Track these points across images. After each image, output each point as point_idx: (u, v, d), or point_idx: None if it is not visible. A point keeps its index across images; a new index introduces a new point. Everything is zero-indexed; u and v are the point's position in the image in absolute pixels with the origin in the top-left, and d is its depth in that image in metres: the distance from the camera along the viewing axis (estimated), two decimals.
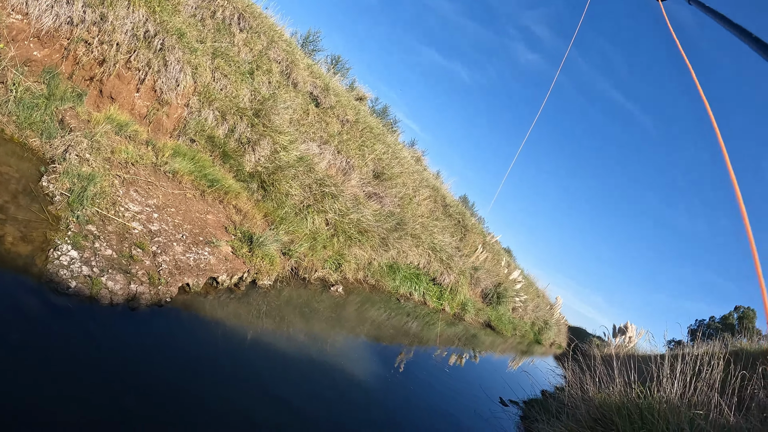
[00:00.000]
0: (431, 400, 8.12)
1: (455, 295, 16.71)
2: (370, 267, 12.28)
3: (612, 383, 5.61)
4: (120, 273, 4.65)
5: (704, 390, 4.80)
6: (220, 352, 5.20)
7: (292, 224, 8.97)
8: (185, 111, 8.02)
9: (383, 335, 10.37)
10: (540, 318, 28.29)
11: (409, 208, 14.50)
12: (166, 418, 3.74)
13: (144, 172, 6.36)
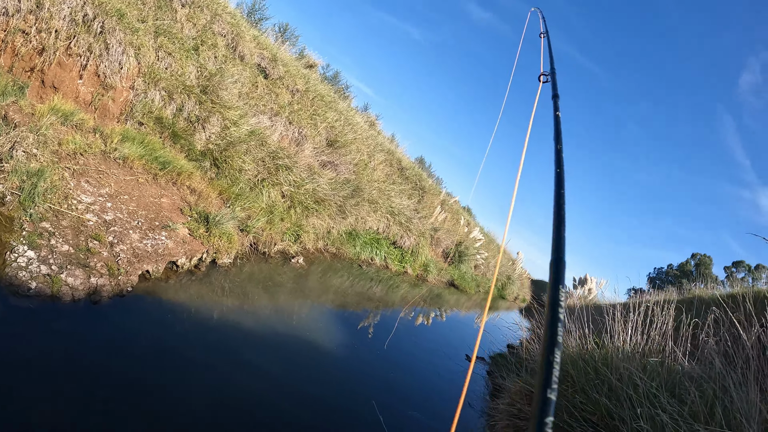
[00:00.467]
0: (402, 362, 8.31)
1: (417, 257, 16.97)
2: (330, 236, 12.39)
3: (569, 336, 5.79)
4: (79, 268, 4.64)
5: (657, 338, 5.03)
6: (186, 335, 5.24)
7: (247, 200, 8.98)
8: (131, 94, 7.86)
9: (349, 302, 10.53)
10: (502, 273, 28.91)
11: (365, 174, 14.58)
12: (138, 407, 3.79)
13: (94, 161, 6.26)
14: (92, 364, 3.90)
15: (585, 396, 4.15)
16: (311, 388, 5.67)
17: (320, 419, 5.03)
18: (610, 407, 3.80)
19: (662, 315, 5.09)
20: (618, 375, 4.10)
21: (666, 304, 5.40)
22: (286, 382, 5.50)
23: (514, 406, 4.83)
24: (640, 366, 4.39)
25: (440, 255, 20.35)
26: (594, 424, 3.88)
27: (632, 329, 5.12)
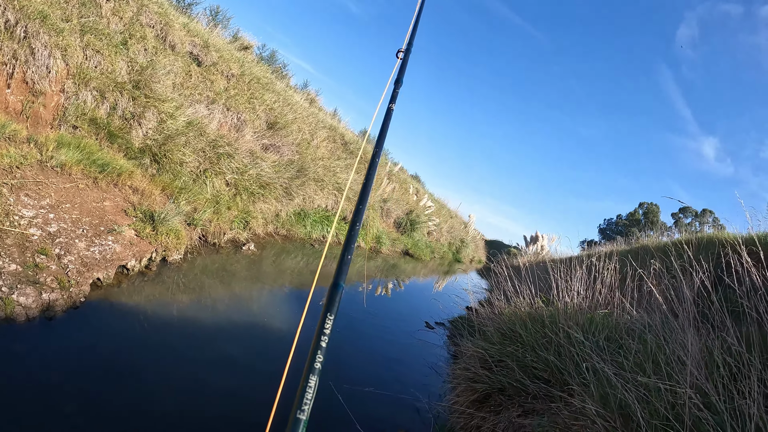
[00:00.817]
0: (359, 336, 8.48)
1: (368, 230, 17.21)
2: (279, 218, 12.50)
3: (517, 297, 6.06)
4: (29, 286, 4.68)
5: (603, 291, 5.26)
6: (145, 338, 5.31)
7: (191, 193, 9.00)
8: (62, 97, 7.72)
9: (304, 282, 10.65)
10: (456, 238, 29.41)
11: (308, 153, 14.65)
12: (104, 416, 3.92)
13: (31, 173, 6.22)
14: (53, 381, 3.96)
15: (535, 354, 4.33)
16: (273, 374, 5.87)
17: (278, 404, 5.21)
18: (559, 364, 4.01)
19: (607, 268, 5.29)
20: (564, 333, 4.26)
21: (612, 255, 5.61)
22: (247, 370, 5.63)
23: (470, 370, 5.05)
24: (587, 321, 4.59)
25: (392, 225, 20.64)
26: (546, 380, 4.08)
27: (578, 284, 5.31)
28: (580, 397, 3.26)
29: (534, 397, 4.11)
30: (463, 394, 4.95)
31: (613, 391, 2.81)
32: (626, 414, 2.65)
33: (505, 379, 4.38)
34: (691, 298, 3.22)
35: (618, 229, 56.17)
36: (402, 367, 7.88)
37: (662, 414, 2.40)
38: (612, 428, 2.62)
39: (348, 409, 4.77)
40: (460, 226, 31.86)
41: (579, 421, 3.06)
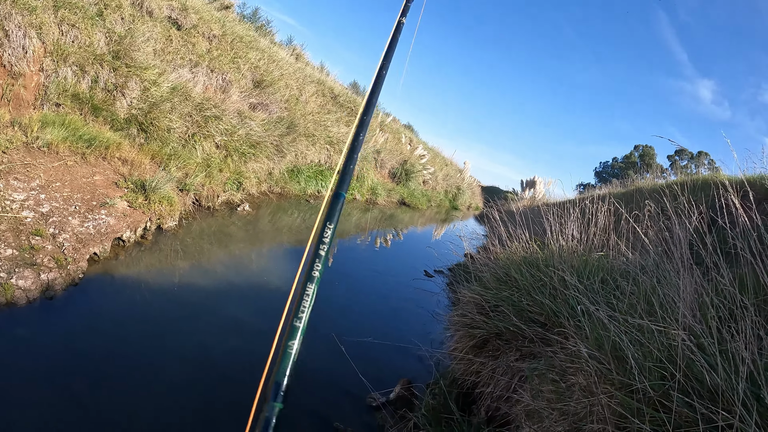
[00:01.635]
0: (360, 289, 8.64)
1: (363, 182, 17.19)
2: (272, 177, 12.47)
3: (512, 241, 6.05)
4: (27, 268, 4.68)
5: (598, 234, 5.27)
6: (147, 306, 5.37)
7: (181, 158, 8.93)
8: (41, 76, 7.55)
9: (302, 238, 10.68)
10: (452, 185, 29.40)
11: (297, 109, 14.49)
12: (112, 391, 3.95)
13: (18, 156, 6.14)
14: (59, 362, 4.00)
15: (531, 298, 4.30)
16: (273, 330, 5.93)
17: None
18: (554, 307, 4.00)
19: (601, 210, 5.24)
20: (559, 276, 4.25)
21: (607, 198, 5.56)
22: (250, 331, 5.70)
23: (467, 316, 5.06)
24: (582, 263, 4.59)
25: (387, 176, 20.60)
26: (542, 323, 4.07)
27: (573, 227, 5.28)
28: (575, 340, 3.30)
29: (531, 341, 4.14)
30: (462, 340, 4.98)
31: (607, 333, 2.84)
32: (620, 356, 2.69)
33: (501, 324, 4.40)
34: (685, 239, 3.21)
35: (614, 171, 55.96)
36: (402, 316, 7.98)
37: (655, 356, 2.43)
38: (606, 370, 2.66)
39: (350, 359, 4.81)
40: (455, 174, 31.75)
41: (574, 364, 3.11)
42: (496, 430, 3.83)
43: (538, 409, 3.17)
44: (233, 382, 4.63)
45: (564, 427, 2.82)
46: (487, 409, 4.29)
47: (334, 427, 4.45)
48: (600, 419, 2.53)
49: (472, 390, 4.64)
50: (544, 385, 3.34)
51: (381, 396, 5.04)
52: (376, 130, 20.10)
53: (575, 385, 2.96)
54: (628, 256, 4.57)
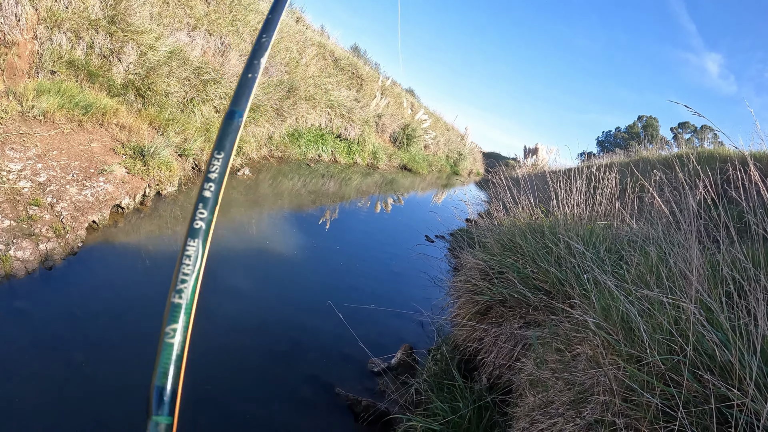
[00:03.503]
0: (359, 254, 8.59)
1: (364, 146, 17.08)
2: (272, 141, 12.38)
3: (516, 207, 6.00)
4: (25, 239, 4.63)
5: (603, 202, 5.21)
6: (147, 273, 5.38)
7: (180, 123, 8.82)
8: (35, 44, 7.37)
9: (303, 202, 10.69)
10: (453, 150, 29.26)
11: (298, 72, 14.28)
12: (112, 360, 3.95)
13: (13, 126, 6.01)
14: (59, 332, 3.98)
15: (535, 265, 4.26)
16: (276, 298, 5.97)
17: (283, 325, 5.34)
18: (559, 275, 3.96)
19: (606, 179, 5.16)
20: (564, 243, 4.19)
21: (612, 167, 5.49)
22: (250, 296, 5.73)
23: (471, 282, 5.03)
24: (587, 232, 4.54)
25: (388, 140, 20.47)
26: (547, 291, 4.04)
27: (578, 195, 5.20)
28: (581, 309, 3.26)
29: (535, 308, 4.11)
30: (465, 306, 4.95)
31: (615, 303, 2.80)
32: (628, 327, 2.65)
33: (506, 291, 4.36)
34: (695, 209, 3.14)
35: (616, 141, 55.77)
36: (403, 281, 7.99)
37: (665, 328, 2.39)
38: (614, 341, 2.62)
39: (350, 326, 4.82)
40: (456, 139, 31.59)
41: (580, 334, 3.08)
42: (499, 397, 3.83)
43: (542, 378, 3.15)
44: (230, 347, 4.66)
45: (569, 397, 2.79)
46: (489, 376, 4.29)
47: (336, 392, 4.47)
48: (606, 391, 2.50)
49: (474, 357, 4.63)
50: (549, 354, 3.31)
51: (382, 361, 5.05)
52: (377, 93, 19.86)
53: (581, 355, 2.93)
54: (633, 225, 4.51)
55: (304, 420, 4.11)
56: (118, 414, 3.49)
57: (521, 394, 3.45)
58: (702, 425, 1.99)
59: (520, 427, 3.08)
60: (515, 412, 3.33)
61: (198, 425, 3.65)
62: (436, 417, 3.78)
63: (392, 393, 4.43)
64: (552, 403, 2.91)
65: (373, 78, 21.12)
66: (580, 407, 2.64)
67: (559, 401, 2.86)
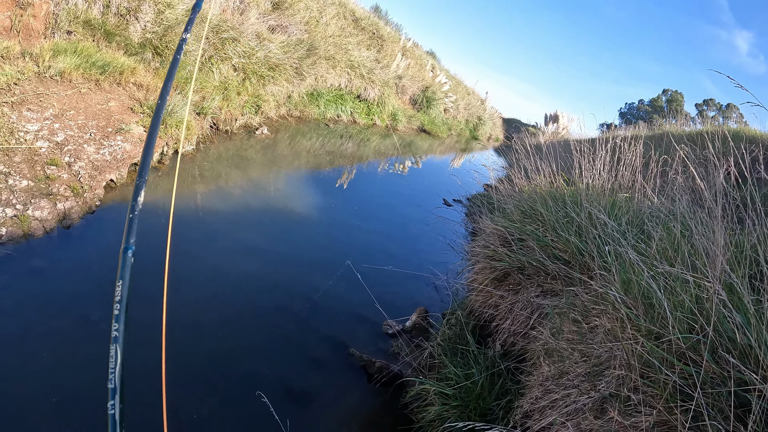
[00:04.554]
0: (376, 215, 8.66)
1: (383, 108, 16.90)
2: (291, 100, 12.28)
3: (538, 175, 5.91)
4: (43, 198, 4.65)
5: (626, 174, 5.09)
6: (165, 231, 5.27)
7: (198, 81, 8.77)
8: (51, 5, 7.25)
9: (321, 162, 10.66)
10: (473, 115, 28.92)
11: (318, 31, 14.04)
12: (136, 313, 3.98)
13: (30, 87, 5.97)
14: (77, 291, 4.02)
15: (556, 234, 4.22)
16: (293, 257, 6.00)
17: (298, 284, 5.36)
18: (580, 245, 3.90)
19: (631, 151, 5.06)
20: (586, 213, 4.15)
21: (635, 139, 5.36)
22: (268, 255, 5.78)
23: (489, 248, 4.98)
24: (609, 202, 4.47)
25: (407, 103, 20.25)
26: (566, 261, 3.99)
27: (601, 165, 5.10)
28: (601, 281, 3.20)
29: (553, 278, 4.06)
30: (482, 272, 4.91)
31: (637, 277, 2.73)
32: (649, 303, 2.59)
33: (524, 258, 4.31)
34: (722, 186, 3.03)
35: (639, 114, 54.64)
36: (420, 244, 7.99)
37: (687, 306, 2.32)
38: (634, 316, 2.57)
39: (366, 287, 4.83)
40: (477, 104, 31.11)
41: (599, 306, 3.03)
42: (512, 365, 3.81)
43: (557, 349, 3.12)
44: (245, 306, 4.70)
45: (584, 369, 2.76)
46: (503, 343, 4.27)
47: (349, 352, 4.51)
48: (623, 365, 2.46)
49: (489, 323, 4.62)
50: (566, 324, 3.27)
51: (397, 324, 5.07)
52: (397, 54, 19.55)
53: (598, 328, 2.89)
54: (654, 200, 4.41)
55: (317, 379, 4.15)
56: (134, 368, 3.52)
57: (535, 363, 3.42)
58: (718, 407, 1.95)
59: (533, 396, 3.07)
60: (529, 380, 3.31)
61: (211, 383, 3.69)
62: (449, 381, 3.79)
63: (406, 355, 4.46)
64: (567, 374, 2.89)
65: (394, 39, 20.76)
66: (596, 380, 2.61)
67: (574, 372, 2.83)
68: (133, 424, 0.92)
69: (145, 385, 2.63)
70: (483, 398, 3.60)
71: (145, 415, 2.62)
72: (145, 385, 2.61)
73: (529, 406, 3.05)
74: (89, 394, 3.13)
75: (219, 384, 3.70)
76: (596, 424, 2.42)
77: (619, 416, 2.29)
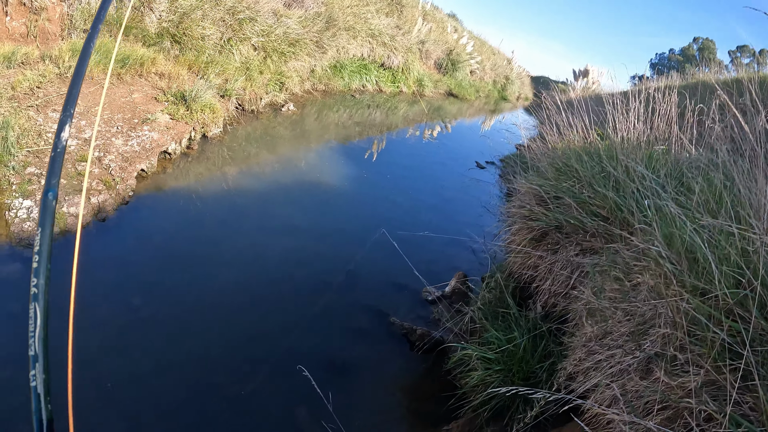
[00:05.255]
0: (409, 182, 8.67)
1: (409, 74, 16.69)
2: (314, 74, 12.21)
3: (571, 130, 5.77)
4: (77, 194, 4.72)
5: (661, 126, 4.91)
6: (199, 215, 5.49)
7: (219, 64, 8.74)
8: (64, 6, 7.28)
9: (350, 134, 10.65)
10: (500, 75, 28.40)
11: (335, 2, 13.87)
12: (169, 302, 4.05)
13: (53, 88, 6.05)
14: (116, 280, 4.10)
15: (592, 190, 4.13)
16: (331, 230, 6.05)
17: (335, 256, 5.42)
18: (618, 200, 3.80)
19: (665, 101, 4.86)
20: (623, 167, 4.04)
21: (669, 89, 5.18)
22: (304, 230, 5.82)
23: (525, 208, 4.89)
24: (645, 155, 4.34)
25: (433, 67, 19.95)
26: (604, 217, 3.90)
27: (635, 117, 4.94)
28: (642, 237, 3.09)
29: (592, 235, 3.96)
30: (520, 232, 4.82)
31: (680, 231, 2.62)
32: (693, 257, 2.48)
33: (562, 217, 4.20)
34: (763, 132, 2.88)
35: (671, 64, 52.90)
36: (455, 208, 7.95)
37: (732, 260, 2.21)
38: (678, 271, 2.46)
39: (404, 254, 4.77)
40: (503, 63, 30.41)
41: (641, 262, 2.92)
42: (554, 326, 3.75)
43: (600, 308, 3.03)
44: (284, 281, 4.75)
45: (628, 329, 2.69)
46: (544, 304, 4.21)
47: (390, 321, 4.53)
48: (668, 323, 2.38)
49: (528, 284, 4.55)
50: (607, 282, 3.18)
51: (436, 290, 5.05)
52: (418, 19, 19.20)
53: (641, 285, 2.79)
54: (692, 151, 4.23)
55: (359, 350, 4.19)
56: (179, 354, 3.59)
57: (578, 324, 3.36)
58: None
59: (576, 357, 3.01)
60: (571, 341, 3.25)
61: (254, 360, 3.74)
62: (491, 346, 3.76)
63: (446, 321, 4.45)
64: (610, 333, 2.82)
65: (413, 4, 20.38)
66: (640, 339, 2.54)
67: (617, 332, 2.76)
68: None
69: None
70: (526, 361, 3.58)
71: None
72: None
73: (572, 368, 3.00)
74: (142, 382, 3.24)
75: (262, 360, 3.74)
76: (642, 385, 2.36)
77: (666, 376, 2.21)
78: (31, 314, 0.87)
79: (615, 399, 2.49)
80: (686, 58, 51.84)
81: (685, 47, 55.83)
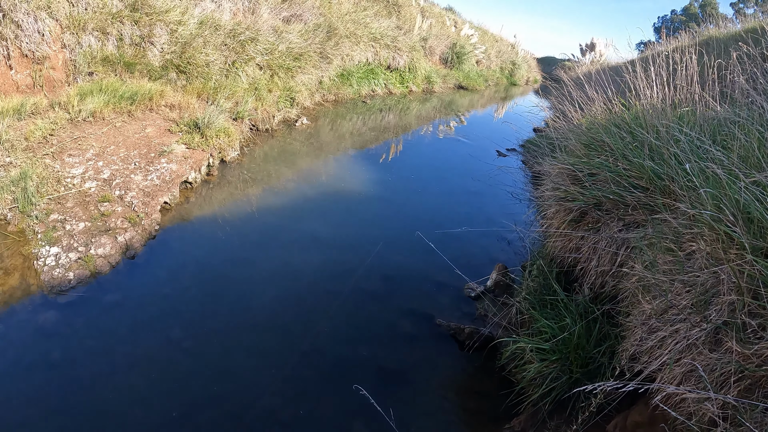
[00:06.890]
0: (434, 179, 8.67)
1: (416, 72, 16.68)
2: (323, 85, 12.23)
3: (592, 104, 5.61)
4: (103, 235, 4.71)
5: (684, 86, 4.80)
6: (227, 238, 5.44)
7: (227, 88, 8.73)
8: (66, 53, 7.35)
9: (367, 139, 10.60)
10: (506, 61, 28.42)
11: (332, 12, 13.85)
12: (207, 329, 4.00)
13: (66, 134, 6.09)
14: (153, 314, 4.06)
15: (627, 162, 3.98)
16: (359, 235, 6.01)
17: (371, 263, 5.33)
18: (657, 168, 3.66)
19: (684, 60, 4.68)
20: (655, 133, 3.92)
21: (682, 50, 5.03)
22: (332, 242, 5.74)
23: (559, 189, 4.76)
24: (674, 118, 4.18)
25: (438, 62, 19.92)
26: (644, 188, 3.77)
27: (656, 81, 4.78)
28: (688, 202, 2.93)
29: (633, 208, 3.79)
30: (557, 215, 4.67)
31: (731, 191, 2.46)
32: (748, 217, 2.33)
33: (599, 193, 4.05)
34: None
35: (675, 25, 51.99)
36: (482, 199, 7.85)
37: None
38: (735, 234, 2.31)
39: (441, 253, 4.69)
40: (507, 49, 30.39)
41: (692, 229, 2.77)
42: (607, 307, 3.60)
43: (655, 282, 2.88)
44: (321, 295, 4.67)
45: (689, 300, 2.54)
46: (591, 285, 4.07)
47: (436, 323, 4.44)
48: (733, 289, 2.23)
49: (572, 267, 4.42)
50: (659, 255, 3.03)
51: (478, 285, 4.97)
52: (416, 16, 19.13)
53: (696, 253, 2.64)
54: (717, 109, 4.06)
55: (408, 355, 4.09)
56: (227, 382, 3.53)
57: (632, 302, 3.21)
58: None
59: (636, 337, 2.87)
60: (629, 321, 3.10)
61: (304, 379, 3.67)
62: (543, 335, 3.67)
63: (493, 316, 4.37)
64: (671, 308, 2.67)
65: (409, 2, 20.38)
66: (705, 310, 2.39)
67: (679, 305, 2.62)
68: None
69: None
70: (582, 347, 3.45)
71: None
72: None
73: (634, 349, 2.85)
74: (193, 416, 3.19)
75: (312, 379, 3.69)
76: (713, 358, 2.21)
77: (738, 345, 2.09)
78: None
79: (686, 376, 2.35)
80: (689, 17, 50.90)
81: (687, 6, 54.86)
